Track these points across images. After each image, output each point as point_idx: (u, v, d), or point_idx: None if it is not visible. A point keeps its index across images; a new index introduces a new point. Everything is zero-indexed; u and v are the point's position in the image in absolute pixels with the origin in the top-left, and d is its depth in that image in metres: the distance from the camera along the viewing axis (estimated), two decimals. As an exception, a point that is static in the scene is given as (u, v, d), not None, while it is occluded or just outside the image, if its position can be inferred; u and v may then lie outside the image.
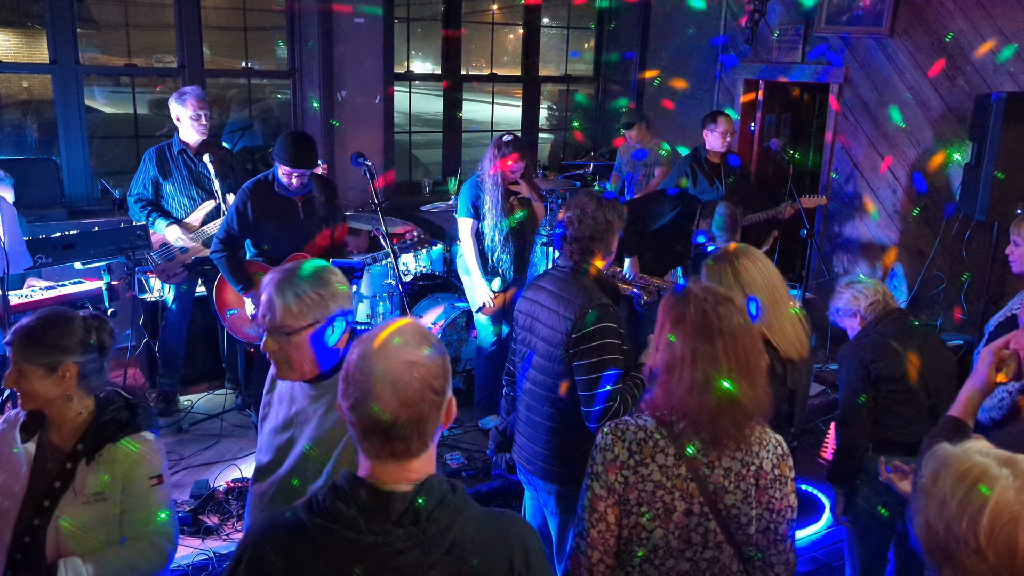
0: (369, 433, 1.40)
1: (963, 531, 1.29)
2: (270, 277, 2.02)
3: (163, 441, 2.37)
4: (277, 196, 4.25)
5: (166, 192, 4.82)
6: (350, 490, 1.40)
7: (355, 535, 1.36)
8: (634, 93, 7.77)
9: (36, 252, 4.10)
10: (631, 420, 1.96)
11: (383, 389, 1.38)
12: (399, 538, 1.36)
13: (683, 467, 1.88)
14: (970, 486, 1.32)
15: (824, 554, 3.94)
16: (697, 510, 1.88)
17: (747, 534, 1.91)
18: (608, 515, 1.89)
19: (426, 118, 8.06)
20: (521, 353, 2.92)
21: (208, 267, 4.87)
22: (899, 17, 5.84)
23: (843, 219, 6.43)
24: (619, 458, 1.89)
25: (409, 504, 1.38)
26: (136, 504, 2.23)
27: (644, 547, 1.89)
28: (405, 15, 7.10)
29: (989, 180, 4.84)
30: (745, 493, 1.89)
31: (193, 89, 4.79)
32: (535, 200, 4.78)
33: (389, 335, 1.45)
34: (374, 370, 1.40)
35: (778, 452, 1.95)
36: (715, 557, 1.92)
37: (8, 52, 5.99)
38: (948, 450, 1.40)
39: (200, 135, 4.76)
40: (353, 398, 1.40)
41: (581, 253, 2.76)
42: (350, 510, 1.37)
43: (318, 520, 1.38)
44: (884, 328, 3.06)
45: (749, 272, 2.49)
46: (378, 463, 1.42)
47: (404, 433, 1.40)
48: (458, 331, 5.37)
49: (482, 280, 4.71)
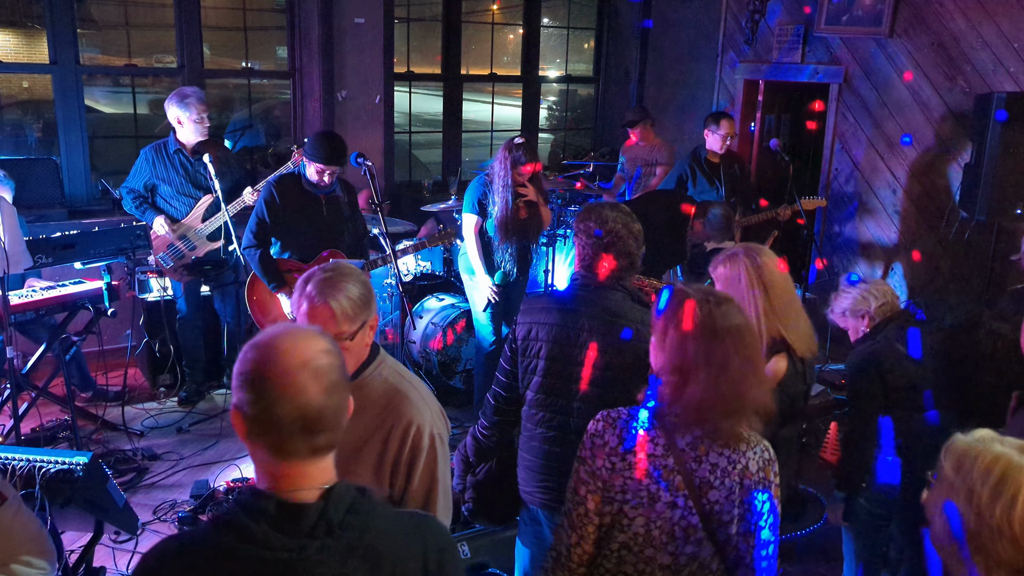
0: (291, 432, 1.33)
1: (996, 521, 1.31)
2: (313, 286, 1.97)
3: (163, 441, 2.33)
4: (305, 192, 4.39)
5: (163, 193, 4.83)
6: (256, 505, 1.34)
7: (268, 553, 1.30)
8: (634, 93, 7.77)
9: (36, 252, 4.10)
10: (624, 409, 1.98)
11: (307, 379, 1.33)
12: (315, 551, 1.32)
13: (671, 458, 1.90)
14: (1000, 476, 1.34)
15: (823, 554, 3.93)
16: (681, 503, 1.90)
17: (728, 533, 1.92)
18: (588, 500, 1.92)
19: (426, 118, 8.06)
20: (544, 386, 2.61)
21: (208, 267, 4.89)
22: (899, 17, 5.84)
23: (843, 219, 6.44)
24: (608, 444, 1.92)
25: (320, 514, 1.34)
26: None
27: (625, 533, 1.92)
28: (405, 15, 7.10)
29: (989, 180, 4.85)
30: (729, 491, 1.90)
31: (195, 91, 4.80)
32: (541, 204, 4.81)
33: (291, 331, 1.40)
34: (292, 362, 1.33)
35: (764, 456, 1.95)
36: (695, 553, 1.92)
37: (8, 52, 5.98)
38: (968, 441, 1.42)
39: (201, 137, 4.77)
40: (270, 397, 1.32)
41: (621, 270, 2.60)
42: (260, 527, 1.32)
43: (228, 539, 1.32)
44: (892, 332, 3.03)
45: (770, 270, 2.53)
46: (293, 466, 1.35)
47: (329, 423, 1.35)
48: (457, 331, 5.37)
49: (485, 276, 4.72)
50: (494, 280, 4.73)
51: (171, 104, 4.74)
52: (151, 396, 5.23)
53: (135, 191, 4.85)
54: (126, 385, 5.00)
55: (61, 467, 2.48)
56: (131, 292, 5.00)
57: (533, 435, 2.64)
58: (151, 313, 5.12)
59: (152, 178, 4.80)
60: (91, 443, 4.50)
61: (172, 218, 4.83)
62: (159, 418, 4.95)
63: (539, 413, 2.61)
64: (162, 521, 3.86)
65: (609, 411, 1.98)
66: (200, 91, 4.88)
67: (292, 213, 4.37)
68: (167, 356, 5.18)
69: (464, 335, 5.38)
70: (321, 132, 4.49)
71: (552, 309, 2.61)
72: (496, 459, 2.80)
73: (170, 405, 5.13)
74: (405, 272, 5.62)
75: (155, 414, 4.99)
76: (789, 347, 2.53)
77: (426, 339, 5.32)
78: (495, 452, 2.80)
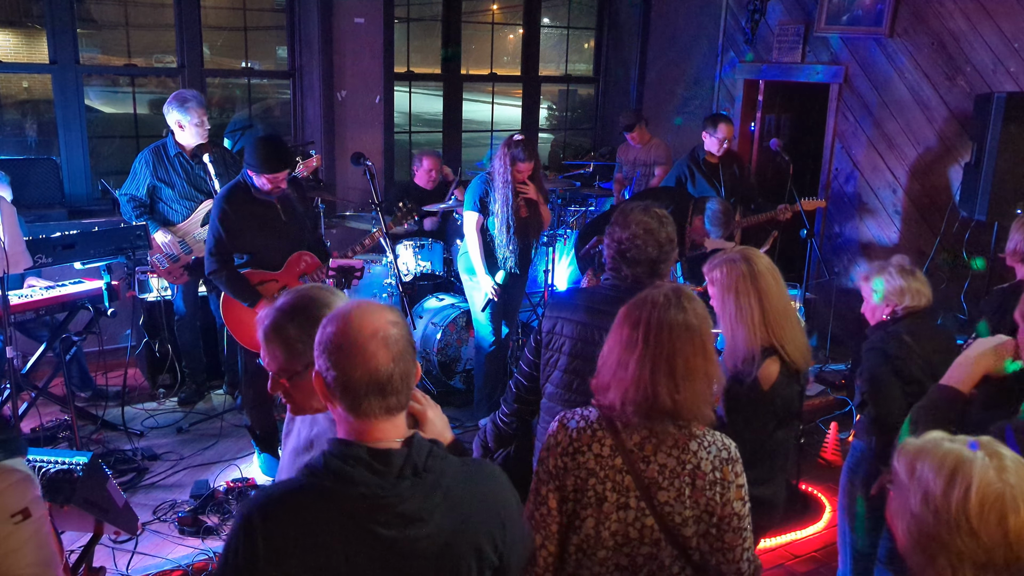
0: (367, 393, 1.49)
1: (954, 515, 1.33)
2: (262, 321, 1.94)
3: (163, 441, 2.33)
4: (257, 200, 4.06)
5: (165, 196, 4.82)
6: (348, 452, 1.49)
7: (365, 490, 1.47)
8: (634, 93, 7.77)
9: (36, 252, 4.10)
10: (579, 410, 2.00)
11: (377, 347, 1.49)
12: (405, 488, 1.49)
13: (618, 459, 1.90)
14: (951, 472, 1.35)
15: (824, 554, 3.94)
16: (634, 504, 1.89)
17: (684, 535, 1.90)
18: (549, 499, 1.94)
19: (426, 118, 8.06)
20: (564, 381, 2.63)
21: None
22: (899, 17, 5.84)
23: (843, 219, 6.44)
24: (560, 444, 1.94)
25: (406, 458, 1.50)
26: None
27: (578, 535, 1.92)
28: (405, 15, 7.10)
29: (989, 180, 4.85)
30: (679, 491, 1.88)
31: (195, 95, 4.78)
32: (542, 203, 4.81)
33: (363, 305, 1.55)
34: (364, 331, 1.49)
35: (722, 456, 1.92)
36: (653, 554, 1.91)
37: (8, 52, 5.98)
38: (917, 443, 1.44)
39: (201, 140, 4.76)
40: (347, 363, 1.48)
41: (647, 276, 2.57)
42: (356, 469, 1.47)
43: (326, 482, 1.47)
44: (904, 325, 3.00)
45: (767, 278, 2.51)
46: (371, 423, 1.52)
47: (398, 387, 1.51)
48: (458, 331, 5.37)
49: (486, 275, 4.72)
50: (495, 280, 4.73)
51: (171, 108, 4.72)
52: (151, 396, 5.23)
53: (136, 198, 4.81)
54: (126, 385, 5.01)
55: (61, 467, 2.47)
56: (131, 292, 5.00)
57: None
58: (151, 313, 5.12)
59: (153, 180, 4.79)
60: (91, 443, 4.50)
61: (172, 223, 4.82)
62: (159, 418, 4.95)
63: (557, 407, 2.64)
64: (162, 521, 3.85)
65: (565, 412, 2.01)
66: (200, 95, 4.87)
67: (250, 225, 4.06)
68: (167, 356, 5.18)
69: (464, 335, 5.38)
70: (260, 139, 4.10)
71: (580, 307, 2.63)
72: (515, 446, 2.84)
73: (170, 405, 5.13)
74: (405, 272, 5.62)
75: (155, 414, 4.99)
76: (783, 359, 2.52)
77: (426, 339, 5.32)
78: (514, 439, 2.84)
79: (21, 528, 1.90)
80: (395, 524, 1.48)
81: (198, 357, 5.18)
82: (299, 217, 4.26)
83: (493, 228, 4.71)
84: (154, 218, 4.81)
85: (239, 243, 4.10)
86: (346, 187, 6.45)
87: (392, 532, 1.47)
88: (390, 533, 1.47)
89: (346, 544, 1.45)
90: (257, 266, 4.17)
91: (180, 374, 5.20)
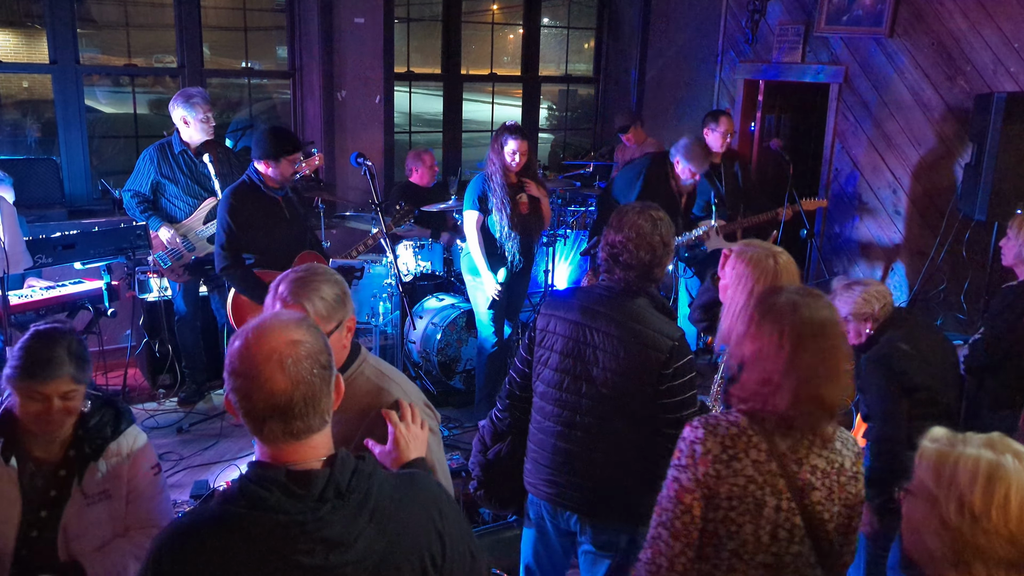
0: (267, 418, 1.41)
1: (993, 523, 1.32)
2: (286, 287, 2.01)
3: (163, 441, 2.43)
4: (264, 196, 4.15)
5: (169, 193, 4.82)
6: (265, 475, 1.41)
7: (283, 516, 1.38)
8: (634, 93, 7.77)
9: (36, 252, 4.10)
10: (722, 416, 1.97)
11: (273, 370, 1.40)
12: (327, 512, 1.40)
13: (774, 463, 1.90)
14: (987, 478, 1.34)
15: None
16: (785, 506, 1.90)
17: (826, 530, 1.94)
18: (694, 508, 1.90)
19: (426, 118, 8.06)
20: (555, 380, 2.62)
21: (208, 267, 4.88)
22: (899, 17, 5.84)
23: (843, 219, 6.44)
24: (711, 452, 1.90)
25: (327, 479, 1.42)
26: (141, 495, 2.32)
27: (734, 540, 1.91)
28: (405, 15, 7.10)
29: (989, 180, 4.85)
30: (829, 490, 1.93)
31: (200, 91, 4.80)
32: (543, 199, 4.81)
33: (266, 321, 1.47)
34: (259, 354, 1.41)
35: (855, 450, 1.98)
36: (799, 552, 1.94)
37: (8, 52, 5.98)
38: (937, 448, 1.42)
39: (207, 136, 4.77)
40: (244, 388, 1.41)
41: (640, 280, 2.55)
42: (272, 494, 1.39)
43: (238, 509, 1.39)
44: (893, 334, 2.99)
45: (790, 272, 2.55)
46: (280, 448, 1.43)
47: (301, 411, 1.42)
48: (458, 331, 5.37)
49: (488, 274, 4.72)
50: (496, 279, 4.72)
51: (176, 104, 4.72)
52: (151, 396, 5.23)
53: (140, 194, 4.82)
54: (126, 385, 5.00)
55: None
56: (131, 292, 5.00)
57: (541, 427, 2.66)
58: (151, 313, 5.12)
59: (157, 176, 4.78)
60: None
61: (175, 219, 4.82)
62: (159, 418, 4.94)
63: (547, 406, 2.63)
64: (162, 521, 3.86)
65: (707, 417, 1.97)
66: (204, 91, 4.87)
67: (257, 221, 4.13)
68: (167, 356, 5.18)
69: (464, 335, 5.38)
70: (267, 128, 4.20)
71: (574, 306, 2.62)
72: (508, 442, 2.84)
73: (170, 405, 5.13)
74: (405, 272, 5.62)
75: (155, 414, 4.99)
76: None
77: (426, 339, 5.32)
78: (508, 435, 2.84)
79: (158, 479, 2.38)
80: (318, 551, 1.39)
81: (198, 357, 5.17)
82: (301, 217, 4.32)
83: (493, 227, 4.71)
84: (157, 214, 4.81)
85: (247, 240, 4.13)
86: (346, 187, 6.45)
87: (315, 560, 1.38)
88: (313, 561, 1.38)
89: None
90: (264, 266, 4.19)
91: (180, 374, 5.20)
